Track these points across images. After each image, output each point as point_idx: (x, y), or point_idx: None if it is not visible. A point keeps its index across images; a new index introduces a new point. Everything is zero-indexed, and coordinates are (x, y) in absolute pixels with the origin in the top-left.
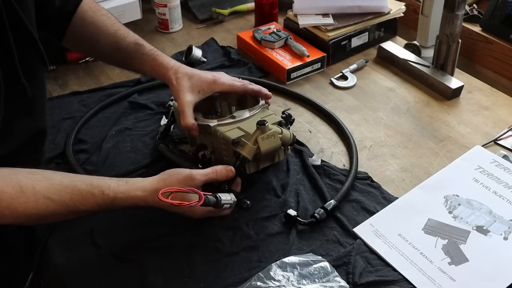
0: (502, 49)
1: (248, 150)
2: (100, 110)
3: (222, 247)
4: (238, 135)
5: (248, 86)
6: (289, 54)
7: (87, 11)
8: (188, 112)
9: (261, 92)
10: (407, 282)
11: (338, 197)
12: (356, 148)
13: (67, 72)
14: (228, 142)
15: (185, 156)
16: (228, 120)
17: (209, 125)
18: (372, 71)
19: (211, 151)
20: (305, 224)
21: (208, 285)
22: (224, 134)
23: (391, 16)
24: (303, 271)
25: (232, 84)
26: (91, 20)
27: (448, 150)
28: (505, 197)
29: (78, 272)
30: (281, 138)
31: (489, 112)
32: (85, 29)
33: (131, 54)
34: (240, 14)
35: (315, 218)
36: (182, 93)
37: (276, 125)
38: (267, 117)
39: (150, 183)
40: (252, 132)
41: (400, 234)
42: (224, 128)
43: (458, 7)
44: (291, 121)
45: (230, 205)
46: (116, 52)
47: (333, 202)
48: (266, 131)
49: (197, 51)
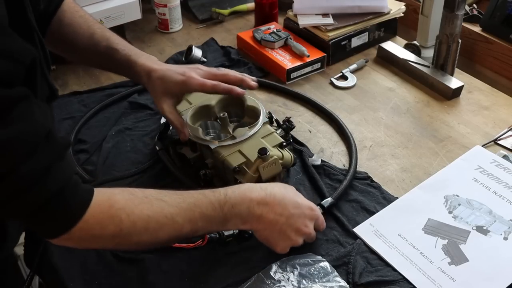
0: (502, 49)
1: (249, 179)
2: (100, 110)
3: (222, 247)
4: (239, 162)
5: (219, 86)
6: (289, 54)
7: (65, 12)
8: (173, 118)
9: (244, 81)
10: (407, 282)
11: (335, 195)
12: (356, 147)
13: (67, 72)
14: (229, 168)
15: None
16: (229, 141)
17: (209, 146)
18: (372, 71)
19: (211, 165)
20: None
21: (208, 285)
22: (226, 159)
23: (391, 16)
24: (303, 271)
25: (202, 84)
26: (68, 22)
27: (448, 150)
28: (505, 197)
29: (78, 272)
30: (282, 164)
31: (489, 112)
32: (63, 31)
33: (106, 59)
34: (240, 14)
35: None
36: (158, 100)
37: (277, 147)
38: (268, 138)
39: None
40: (253, 159)
41: (400, 234)
42: (225, 151)
43: (458, 7)
44: (291, 127)
45: (232, 237)
46: (93, 56)
47: (330, 200)
48: (267, 159)
49: (197, 51)
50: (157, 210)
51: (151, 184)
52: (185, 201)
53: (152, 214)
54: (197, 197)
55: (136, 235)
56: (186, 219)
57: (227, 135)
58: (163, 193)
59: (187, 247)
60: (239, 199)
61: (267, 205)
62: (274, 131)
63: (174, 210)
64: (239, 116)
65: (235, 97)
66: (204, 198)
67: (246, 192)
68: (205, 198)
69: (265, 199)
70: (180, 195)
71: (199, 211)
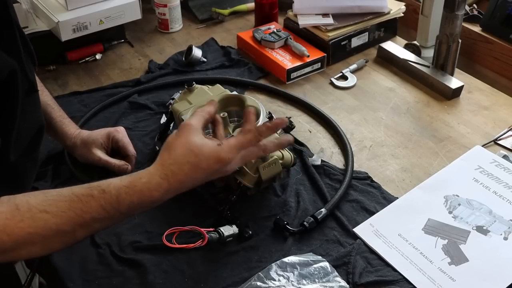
0: (502, 49)
1: (249, 180)
2: (100, 110)
3: (222, 247)
4: None
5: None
6: (289, 54)
7: None
8: (109, 161)
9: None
10: (407, 282)
11: (329, 206)
12: (352, 153)
13: (67, 72)
14: None
15: None
16: None
17: None
18: (372, 71)
19: None
20: (294, 233)
21: (208, 285)
22: None
23: (391, 16)
24: (303, 271)
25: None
26: None
27: (448, 150)
28: (505, 197)
29: (78, 272)
30: (282, 163)
31: (489, 112)
32: None
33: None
34: (240, 14)
35: (304, 227)
36: (89, 155)
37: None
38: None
39: (152, 166)
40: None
41: (400, 234)
42: None
43: (458, 7)
44: (291, 127)
45: (232, 237)
46: None
47: (323, 211)
48: (268, 159)
49: (197, 51)
50: (39, 225)
51: None
52: (71, 208)
53: (34, 230)
54: (85, 201)
55: (24, 249)
56: (76, 226)
57: (227, 135)
58: (49, 201)
59: (187, 247)
60: (137, 199)
61: (173, 191)
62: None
63: (59, 221)
64: (239, 116)
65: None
66: (94, 201)
67: (145, 193)
68: (95, 202)
69: (169, 190)
70: (66, 200)
71: (89, 217)
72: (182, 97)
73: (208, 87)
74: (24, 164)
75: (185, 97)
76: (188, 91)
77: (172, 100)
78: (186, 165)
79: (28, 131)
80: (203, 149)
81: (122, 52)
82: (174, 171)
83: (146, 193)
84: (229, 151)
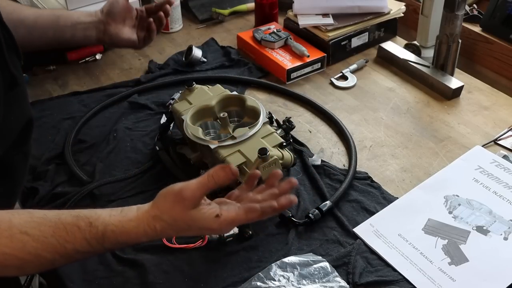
0: (502, 49)
1: None
2: (100, 110)
3: (222, 247)
4: (239, 161)
5: None
6: (289, 54)
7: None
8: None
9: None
10: (407, 282)
11: (334, 198)
12: (356, 148)
13: (67, 72)
14: None
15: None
16: (229, 141)
17: (209, 146)
18: (372, 71)
19: (211, 165)
20: (299, 224)
21: (208, 285)
22: (226, 159)
23: (391, 16)
24: (303, 271)
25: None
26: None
27: (448, 150)
28: (505, 197)
29: (78, 272)
30: (282, 164)
31: (489, 112)
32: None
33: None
34: (240, 14)
35: (309, 219)
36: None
37: (277, 147)
38: (268, 138)
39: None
40: (253, 159)
41: (400, 234)
42: (225, 151)
43: (458, 7)
44: (291, 127)
45: (232, 237)
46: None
47: (328, 203)
48: (268, 160)
49: (197, 51)
50: (17, 247)
51: (151, 184)
52: (54, 235)
53: (10, 251)
54: (70, 231)
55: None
56: (56, 254)
57: (227, 135)
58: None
59: (187, 247)
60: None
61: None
62: (274, 131)
63: (40, 246)
64: (239, 116)
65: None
66: (79, 233)
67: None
68: (80, 234)
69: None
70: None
71: (72, 248)
72: (182, 97)
73: (208, 87)
74: (13, 158)
75: (185, 97)
76: (188, 91)
77: (172, 100)
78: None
79: (15, 124)
80: (199, 222)
81: (122, 52)
82: (164, 227)
83: (133, 236)
84: (225, 225)
